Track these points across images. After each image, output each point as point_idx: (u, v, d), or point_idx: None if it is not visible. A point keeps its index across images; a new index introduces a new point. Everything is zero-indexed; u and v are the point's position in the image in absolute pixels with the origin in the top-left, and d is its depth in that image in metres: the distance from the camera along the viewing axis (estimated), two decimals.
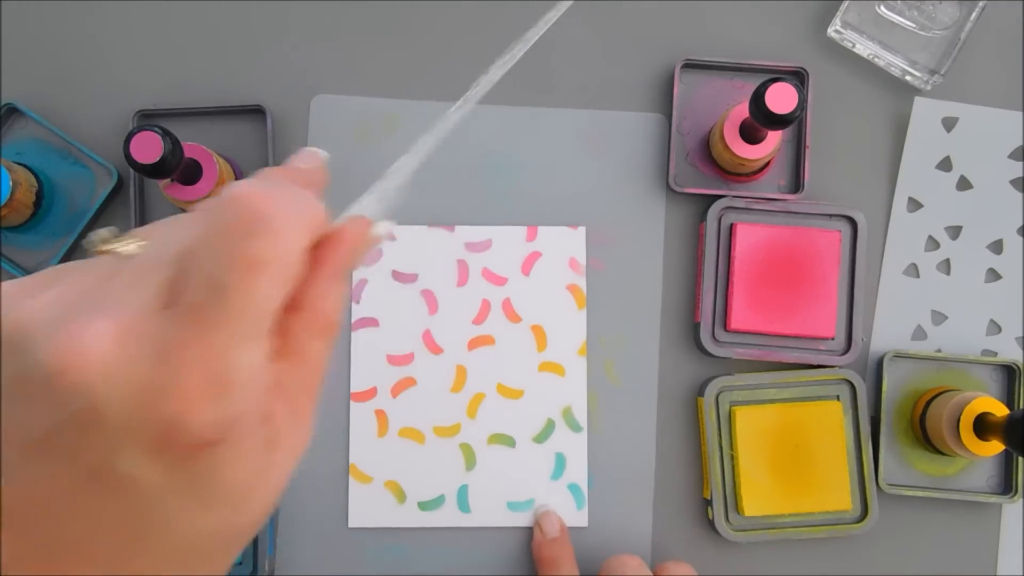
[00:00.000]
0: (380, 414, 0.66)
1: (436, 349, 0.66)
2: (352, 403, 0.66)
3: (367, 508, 0.65)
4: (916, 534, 0.67)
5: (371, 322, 0.67)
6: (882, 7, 0.67)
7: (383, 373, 0.66)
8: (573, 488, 0.66)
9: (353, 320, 0.67)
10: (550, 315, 0.67)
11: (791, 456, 0.64)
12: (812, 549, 0.67)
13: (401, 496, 0.65)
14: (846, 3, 0.67)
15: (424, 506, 0.66)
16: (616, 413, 0.67)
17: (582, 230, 0.67)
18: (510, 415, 0.66)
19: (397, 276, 0.67)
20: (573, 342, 0.67)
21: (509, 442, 0.66)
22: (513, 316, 0.67)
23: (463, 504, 0.65)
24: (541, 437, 0.66)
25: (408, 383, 0.66)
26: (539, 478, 0.66)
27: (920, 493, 0.65)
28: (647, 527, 0.66)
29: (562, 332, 0.67)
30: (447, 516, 0.65)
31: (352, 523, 0.65)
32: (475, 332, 0.67)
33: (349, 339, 0.67)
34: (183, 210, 0.65)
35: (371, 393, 0.66)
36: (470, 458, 0.66)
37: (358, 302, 0.67)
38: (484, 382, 0.66)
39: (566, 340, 0.67)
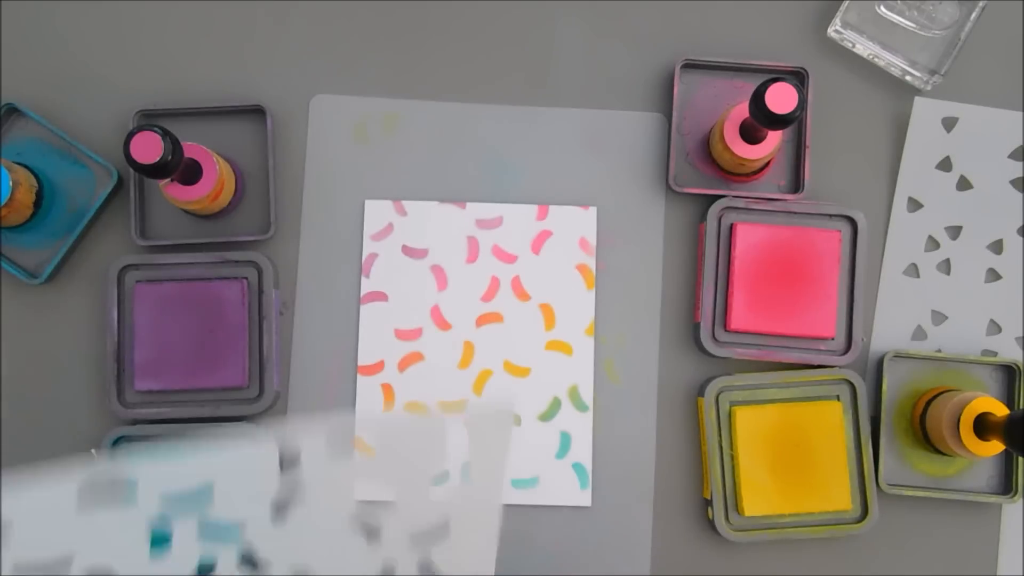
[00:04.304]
0: (387, 388, 0.66)
1: (444, 325, 0.67)
2: (359, 376, 0.66)
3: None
4: (916, 534, 0.67)
5: (380, 296, 0.67)
6: (882, 7, 0.67)
7: (391, 347, 0.66)
8: (577, 467, 0.66)
9: (362, 294, 0.67)
10: (559, 294, 0.67)
11: (791, 456, 0.64)
12: (812, 549, 0.67)
13: None
14: (846, 3, 0.67)
15: None
16: (616, 412, 0.67)
17: (593, 210, 0.68)
18: (516, 393, 0.66)
19: (407, 251, 0.67)
20: (581, 322, 0.67)
21: (515, 420, 0.66)
22: (522, 294, 0.67)
23: (467, 480, 0.66)
24: (547, 415, 0.66)
25: (415, 358, 0.67)
26: (544, 456, 0.66)
27: (920, 493, 0.65)
28: (647, 526, 0.66)
29: (570, 311, 0.67)
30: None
31: (357, 497, 0.66)
32: (484, 309, 0.67)
33: (358, 313, 0.67)
34: (183, 210, 0.65)
35: (378, 367, 0.66)
36: None
37: (367, 276, 0.67)
38: (491, 359, 0.67)
39: (574, 320, 0.67)
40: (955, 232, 0.68)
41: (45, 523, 0.50)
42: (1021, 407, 0.65)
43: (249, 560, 0.53)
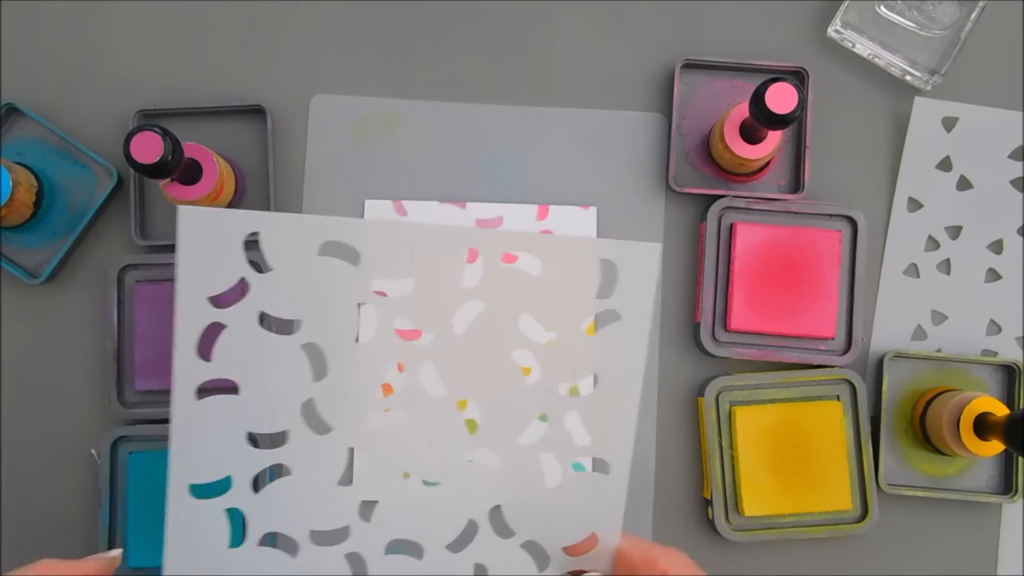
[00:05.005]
0: (386, 387, 0.66)
1: None
2: None
3: None
4: (916, 534, 0.67)
5: (380, 296, 0.67)
6: (882, 7, 0.67)
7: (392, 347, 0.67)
8: (577, 467, 0.66)
9: None
10: None
11: (791, 456, 0.64)
12: (812, 549, 0.67)
13: None
14: (846, 3, 0.67)
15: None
16: None
17: (593, 210, 0.68)
18: None
19: None
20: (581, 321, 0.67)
21: None
22: None
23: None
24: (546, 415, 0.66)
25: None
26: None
27: (920, 493, 0.65)
28: (647, 526, 0.66)
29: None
30: None
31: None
32: None
33: (358, 312, 0.67)
34: None
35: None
36: (472, 427, 0.66)
37: None
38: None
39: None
40: (955, 232, 0.68)
41: (295, 270, 0.50)
42: (1021, 407, 0.65)
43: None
